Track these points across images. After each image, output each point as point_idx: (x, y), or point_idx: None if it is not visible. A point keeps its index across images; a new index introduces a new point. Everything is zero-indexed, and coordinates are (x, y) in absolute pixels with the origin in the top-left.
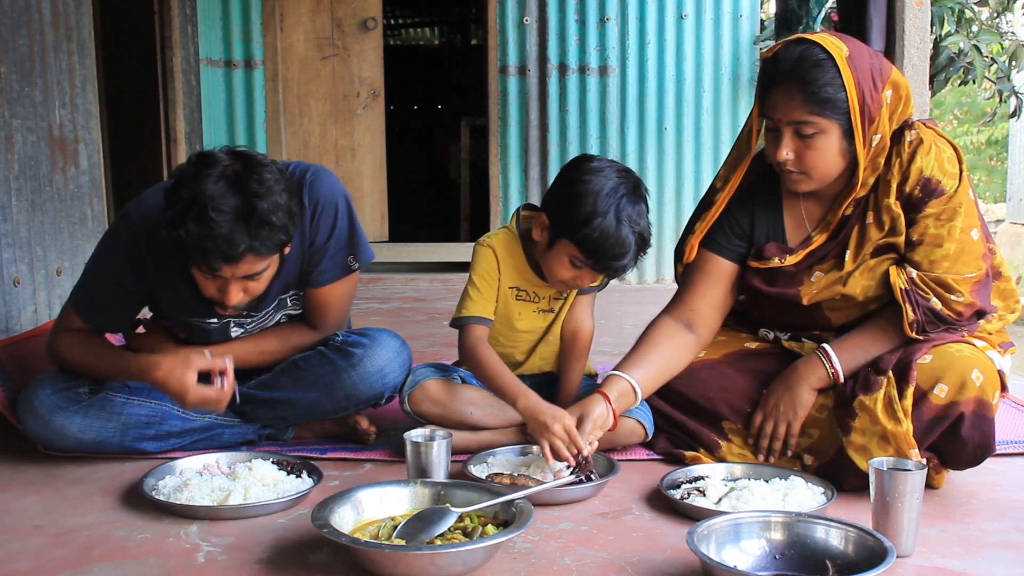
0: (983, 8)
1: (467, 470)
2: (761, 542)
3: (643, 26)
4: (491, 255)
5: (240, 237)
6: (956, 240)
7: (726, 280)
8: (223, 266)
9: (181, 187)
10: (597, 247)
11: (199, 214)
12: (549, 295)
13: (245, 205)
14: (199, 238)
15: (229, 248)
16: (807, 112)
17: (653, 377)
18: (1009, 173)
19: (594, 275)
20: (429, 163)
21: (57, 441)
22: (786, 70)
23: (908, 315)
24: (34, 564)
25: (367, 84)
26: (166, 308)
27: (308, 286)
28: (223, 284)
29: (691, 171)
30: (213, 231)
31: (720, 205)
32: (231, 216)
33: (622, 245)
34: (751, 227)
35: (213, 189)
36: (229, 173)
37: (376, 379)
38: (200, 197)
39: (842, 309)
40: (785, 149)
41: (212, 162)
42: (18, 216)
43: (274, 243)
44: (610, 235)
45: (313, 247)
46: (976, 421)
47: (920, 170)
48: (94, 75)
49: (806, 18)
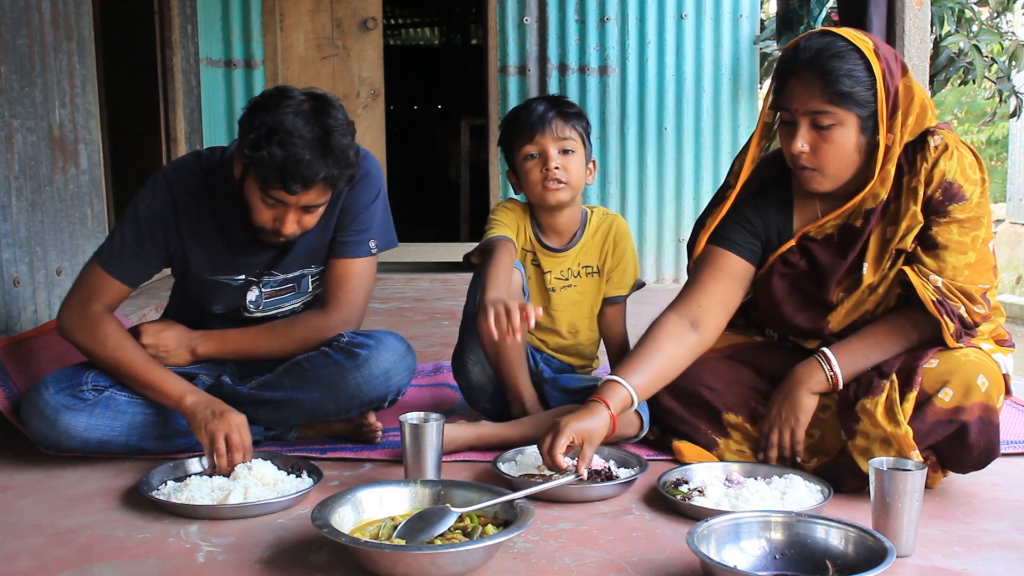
0: (983, 8)
1: (496, 468)
2: (761, 542)
3: (643, 26)
4: (508, 210)
5: (319, 164)
6: (978, 250)
7: (736, 277)
8: (300, 190)
9: (261, 114)
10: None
11: (283, 139)
12: (561, 267)
13: (324, 137)
14: (284, 161)
15: (308, 172)
16: (825, 101)
17: (652, 383)
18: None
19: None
20: (429, 163)
21: (63, 441)
22: (806, 60)
23: (948, 326)
24: (34, 564)
25: (367, 84)
26: (194, 263)
27: (331, 256)
28: (282, 212)
29: (691, 171)
30: (297, 155)
31: (730, 200)
32: (312, 144)
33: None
34: (764, 227)
35: (294, 119)
36: (307, 108)
37: (381, 381)
38: (284, 124)
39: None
40: (800, 141)
41: (290, 95)
42: (18, 216)
43: (344, 177)
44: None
45: (346, 211)
46: (982, 426)
47: (943, 173)
48: (94, 75)
49: (807, 18)
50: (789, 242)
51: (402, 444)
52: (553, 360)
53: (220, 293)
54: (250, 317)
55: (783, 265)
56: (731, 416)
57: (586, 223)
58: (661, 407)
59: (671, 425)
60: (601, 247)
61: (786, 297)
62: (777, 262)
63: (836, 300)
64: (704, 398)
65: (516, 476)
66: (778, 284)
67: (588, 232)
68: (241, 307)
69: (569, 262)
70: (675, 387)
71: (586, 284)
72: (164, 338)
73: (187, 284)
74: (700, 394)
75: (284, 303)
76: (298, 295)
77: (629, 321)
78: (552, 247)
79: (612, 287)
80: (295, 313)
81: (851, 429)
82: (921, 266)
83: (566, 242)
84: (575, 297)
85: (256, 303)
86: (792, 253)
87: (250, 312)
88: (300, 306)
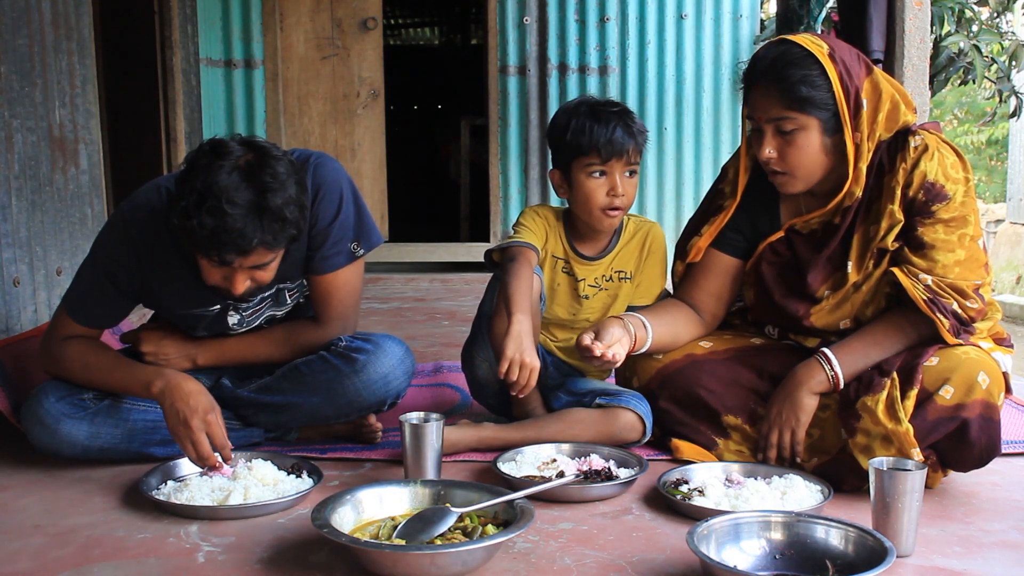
0: (983, 8)
1: (497, 468)
2: (761, 542)
3: (643, 26)
4: (538, 216)
5: (253, 231)
6: (967, 247)
7: (727, 274)
8: (235, 258)
9: (194, 176)
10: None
11: (213, 206)
12: (595, 275)
13: (259, 199)
14: (213, 230)
15: (242, 241)
16: (784, 108)
17: (661, 334)
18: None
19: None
20: (429, 163)
21: (65, 449)
22: (763, 69)
23: (943, 323)
24: (34, 564)
25: (367, 84)
26: (165, 301)
27: (311, 273)
28: (230, 273)
29: (691, 171)
30: (227, 224)
31: (729, 212)
32: (244, 210)
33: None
34: (751, 223)
35: (227, 181)
36: (242, 164)
37: (380, 386)
38: (214, 188)
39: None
40: (768, 147)
41: (225, 152)
42: (18, 216)
43: (285, 236)
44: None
45: (314, 231)
46: (983, 424)
47: (924, 174)
48: (94, 75)
49: (807, 18)
50: (778, 232)
51: (402, 444)
52: (563, 366)
53: (199, 321)
54: (235, 334)
55: (772, 254)
56: (731, 418)
57: (622, 229)
58: (660, 408)
59: (670, 427)
60: (638, 254)
61: (775, 284)
62: (767, 250)
63: (821, 295)
64: (703, 400)
65: (516, 476)
66: (767, 271)
67: (623, 239)
68: (224, 329)
69: (603, 269)
70: (674, 389)
71: (618, 288)
72: (164, 346)
73: (164, 315)
74: (699, 396)
75: (267, 312)
76: (280, 305)
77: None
78: (586, 256)
79: (639, 296)
80: (280, 320)
81: (852, 427)
82: (910, 266)
83: (600, 250)
84: (606, 300)
85: (239, 323)
86: (780, 243)
87: (234, 331)
88: (282, 314)
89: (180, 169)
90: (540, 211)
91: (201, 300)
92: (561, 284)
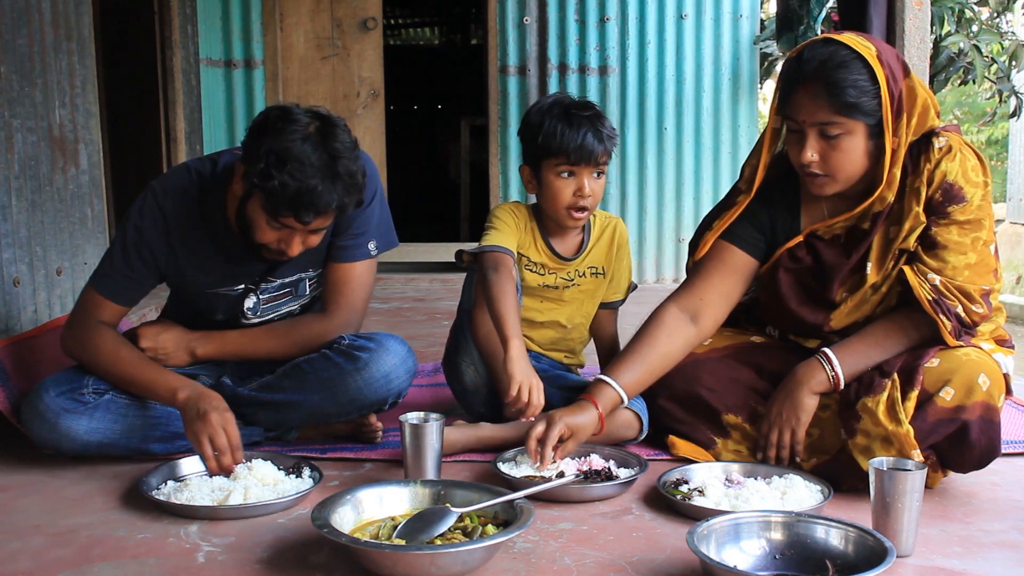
0: (983, 8)
1: (496, 468)
2: (761, 542)
3: (643, 26)
4: (513, 215)
5: (331, 193)
6: (978, 251)
7: (740, 271)
8: (313, 218)
9: (266, 139)
10: None
11: (295, 168)
12: (569, 270)
13: (333, 163)
14: (296, 191)
15: (321, 203)
16: (832, 113)
17: (642, 379)
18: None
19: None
20: (429, 163)
21: (64, 444)
22: (811, 71)
23: (945, 324)
24: (34, 564)
25: (367, 84)
26: (190, 277)
27: (331, 260)
28: (288, 235)
29: (691, 171)
30: (310, 186)
31: (740, 207)
32: (322, 173)
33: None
34: (771, 223)
35: (302, 146)
36: (312, 131)
37: (381, 384)
38: (293, 151)
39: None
40: (810, 151)
41: (294, 119)
42: (18, 216)
43: (354, 201)
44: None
45: (343, 216)
46: (984, 425)
47: (944, 174)
48: (94, 75)
49: (807, 18)
50: (797, 237)
51: (402, 444)
52: (542, 357)
53: (219, 303)
54: (247, 323)
55: (790, 260)
56: (730, 416)
57: (590, 227)
58: (659, 407)
59: (669, 425)
60: (608, 250)
61: (791, 291)
62: (784, 256)
63: (839, 299)
64: (703, 399)
65: (516, 476)
66: (784, 278)
67: (593, 237)
68: (239, 313)
69: (576, 265)
70: (674, 388)
71: (591, 283)
72: (162, 340)
73: (185, 296)
74: (699, 395)
75: (281, 307)
76: (295, 299)
77: (629, 322)
78: (564, 256)
79: (610, 292)
80: (292, 316)
81: (852, 428)
82: (921, 265)
83: (574, 250)
84: (578, 295)
85: (254, 309)
86: (799, 248)
87: (247, 318)
88: (298, 309)
89: (246, 134)
90: (516, 210)
91: (227, 278)
92: (537, 284)
